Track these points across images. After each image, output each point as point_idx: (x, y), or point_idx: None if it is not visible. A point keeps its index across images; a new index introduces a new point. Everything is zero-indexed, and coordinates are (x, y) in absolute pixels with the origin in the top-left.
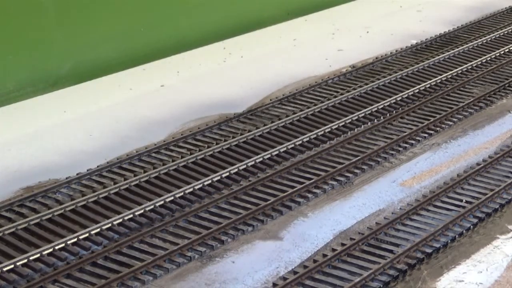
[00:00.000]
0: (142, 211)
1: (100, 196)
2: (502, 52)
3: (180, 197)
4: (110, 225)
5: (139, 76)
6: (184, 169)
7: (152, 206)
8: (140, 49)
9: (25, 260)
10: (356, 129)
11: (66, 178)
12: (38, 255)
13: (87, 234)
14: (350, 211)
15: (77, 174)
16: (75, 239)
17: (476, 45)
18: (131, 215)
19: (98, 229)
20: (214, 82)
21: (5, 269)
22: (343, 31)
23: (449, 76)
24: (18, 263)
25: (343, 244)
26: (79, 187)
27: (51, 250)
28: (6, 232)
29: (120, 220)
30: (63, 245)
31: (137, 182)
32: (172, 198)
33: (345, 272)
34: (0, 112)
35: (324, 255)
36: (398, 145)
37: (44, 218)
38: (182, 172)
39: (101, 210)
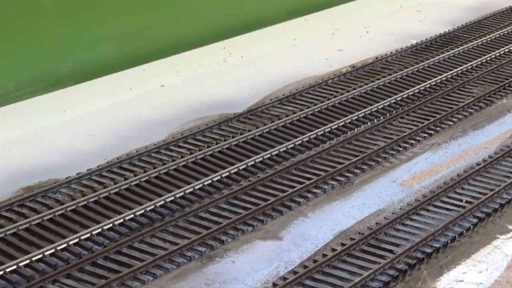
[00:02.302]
0: (142, 211)
1: (101, 196)
2: (502, 52)
3: (180, 197)
4: (111, 225)
5: (139, 76)
6: (184, 169)
7: (152, 206)
8: (140, 49)
9: (28, 261)
10: (356, 129)
11: (66, 178)
12: (40, 255)
13: (88, 235)
14: (350, 211)
15: (77, 174)
16: (77, 239)
17: (476, 45)
18: (132, 215)
19: (100, 229)
20: (214, 82)
21: (7, 269)
22: (343, 31)
23: (449, 76)
24: (20, 264)
25: (343, 244)
26: (79, 187)
27: (53, 250)
28: (8, 232)
29: (121, 220)
30: (65, 245)
31: (137, 182)
32: (172, 198)
33: (345, 272)
34: (0, 112)
35: (324, 255)
36: (398, 145)
37: (45, 218)
38: (182, 172)
39: (102, 210)
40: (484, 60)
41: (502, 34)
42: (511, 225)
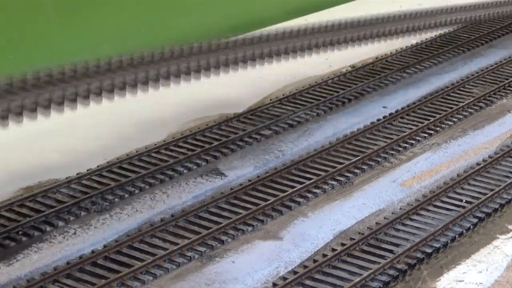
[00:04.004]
0: None
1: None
2: None
3: None
4: None
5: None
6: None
7: None
8: (140, 49)
9: None
10: (356, 129)
11: (66, 178)
12: None
13: None
14: (350, 211)
15: (77, 174)
16: None
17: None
18: None
19: None
20: (214, 82)
21: None
22: None
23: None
24: None
25: (343, 244)
26: (79, 187)
27: None
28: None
29: None
30: None
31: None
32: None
33: (345, 272)
34: None
35: (324, 255)
36: (398, 145)
37: None
38: None
39: None
40: None
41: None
42: (511, 225)
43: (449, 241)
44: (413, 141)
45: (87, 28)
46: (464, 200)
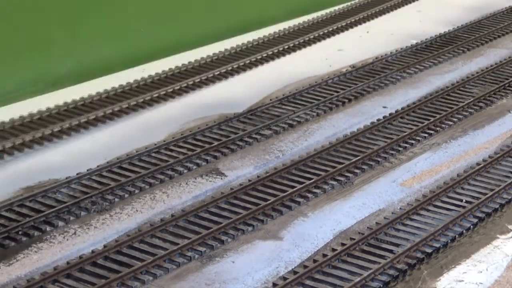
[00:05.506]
0: None
1: None
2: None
3: None
4: None
5: (139, 76)
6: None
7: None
8: (140, 49)
9: None
10: (356, 129)
11: (66, 178)
12: None
13: None
14: (350, 211)
15: (77, 174)
16: None
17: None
18: None
19: None
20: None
21: None
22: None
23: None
24: None
25: (343, 244)
26: (79, 187)
27: None
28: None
29: None
30: None
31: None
32: None
33: (345, 272)
34: (0, 112)
35: (324, 255)
36: (398, 145)
37: None
38: None
39: None
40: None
41: (502, 34)
42: (511, 225)
43: (449, 241)
44: (413, 141)
45: (87, 28)
46: (464, 200)
